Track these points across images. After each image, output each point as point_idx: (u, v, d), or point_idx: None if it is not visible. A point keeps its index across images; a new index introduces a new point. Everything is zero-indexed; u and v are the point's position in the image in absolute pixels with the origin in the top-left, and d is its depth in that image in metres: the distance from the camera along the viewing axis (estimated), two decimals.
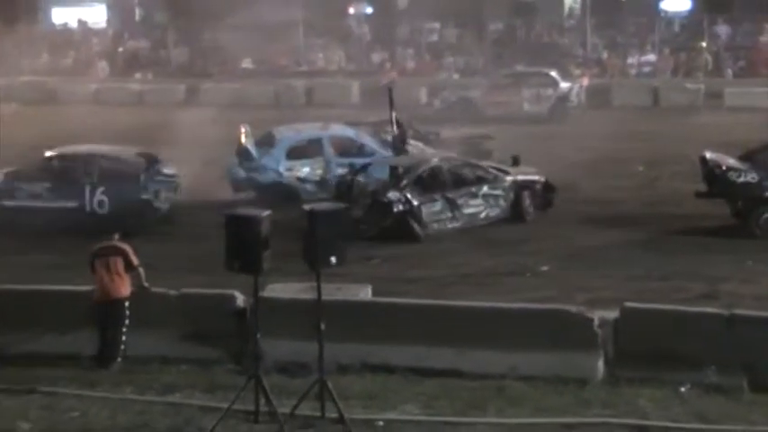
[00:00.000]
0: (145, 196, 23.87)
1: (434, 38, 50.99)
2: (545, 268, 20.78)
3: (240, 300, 16.07)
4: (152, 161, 25.12)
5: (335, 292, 16.17)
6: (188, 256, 21.41)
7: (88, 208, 23.78)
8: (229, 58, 49.95)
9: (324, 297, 14.00)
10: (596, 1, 48.96)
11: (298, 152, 26.69)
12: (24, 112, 43.95)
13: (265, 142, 27.10)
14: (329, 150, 26.58)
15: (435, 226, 23.53)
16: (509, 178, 24.81)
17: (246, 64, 50.06)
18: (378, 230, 22.95)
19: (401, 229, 23.02)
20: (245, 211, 14.93)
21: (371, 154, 26.43)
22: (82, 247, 16.99)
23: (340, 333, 14.45)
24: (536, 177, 25.24)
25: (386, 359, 15.35)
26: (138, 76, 50.63)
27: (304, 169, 26.34)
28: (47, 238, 22.52)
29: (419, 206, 23.35)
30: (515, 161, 25.98)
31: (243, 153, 26.44)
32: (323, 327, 13.72)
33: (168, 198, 24.66)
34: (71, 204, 23.83)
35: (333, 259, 13.80)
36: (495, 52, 48.57)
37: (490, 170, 25.03)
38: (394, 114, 25.99)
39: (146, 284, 16.16)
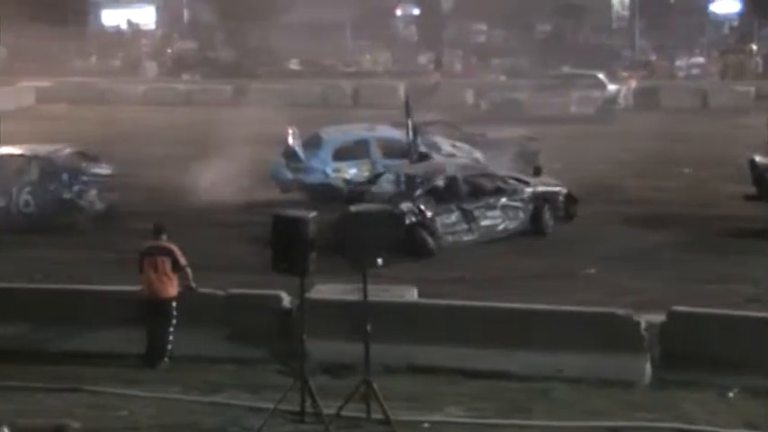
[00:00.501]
0: (67, 196, 24.39)
1: (481, 39, 50.87)
2: (591, 271, 20.68)
3: (286, 300, 16.12)
4: (87, 161, 25.62)
5: (382, 293, 16.17)
6: (233, 256, 21.49)
7: (14, 208, 24.35)
8: (277, 58, 50.11)
9: (370, 298, 14.01)
10: (645, 3, 48.72)
11: (344, 153, 26.74)
12: (74, 111, 44.37)
13: (313, 143, 27.16)
14: (376, 152, 26.59)
15: (450, 238, 22.64)
16: (529, 189, 23.87)
17: (293, 65, 50.21)
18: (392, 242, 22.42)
19: (412, 241, 21.92)
20: (291, 212, 14.95)
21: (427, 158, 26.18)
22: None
23: (386, 334, 14.47)
24: (557, 189, 24.45)
25: (431, 361, 15.35)
26: (185, 76, 50.92)
27: (351, 170, 26.36)
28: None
29: (433, 217, 22.38)
30: (537, 172, 25.37)
31: (290, 154, 26.53)
32: (369, 328, 13.74)
33: (103, 197, 25.01)
34: (0, 204, 24.42)
35: (379, 260, 13.81)
36: (543, 54, 48.39)
37: (509, 181, 24.09)
38: (410, 122, 25.29)
39: (193, 285, 16.23)
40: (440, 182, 23.27)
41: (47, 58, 52.59)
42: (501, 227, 23.28)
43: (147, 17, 55.79)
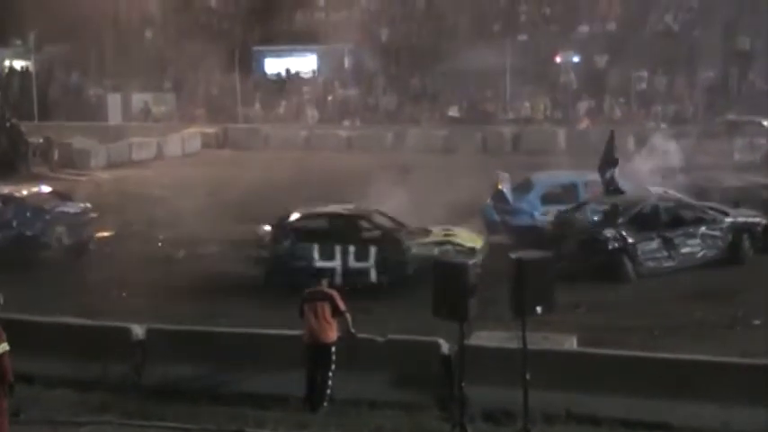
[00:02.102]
0: (29, 233, 26.05)
1: (643, 86, 50.30)
2: (757, 322, 20.18)
3: (445, 347, 16.12)
4: (60, 200, 27.52)
5: (541, 341, 16.07)
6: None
7: None
8: (437, 104, 50.37)
9: (529, 346, 13.93)
10: None
11: (553, 197, 26.77)
12: (238, 157, 45.31)
13: (522, 187, 27.41)
14: (584, 195, 26.55)
15: (650, 264, 23.54)
16: (728, 219, 24.60)
17: (453, 112, 50.39)
18: (588, 267, 22.84)
19: (613, 267, 23.08)
20: (452, 258, 15.00)
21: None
22: None
23: (545, 382, 14.35)
24: (757, 220, 25.01)
25: (592, 410, 15.17)
26: (346, 122, 51.53)
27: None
28: None
29: (634, 244, 23.42)
30: (736, 204, 25.85)
31: (498, 197, 26.77)
32: (528, 376, 13.65)
33: (73, 233, 26.63)
34: None
35: (539, 308, 13.75)
36: (707, 100, 47.61)
37: (708, 211, 24.79)
38: (609, 158, 25.91)
39: (352, 330, 16.35)
40: (642, 210, 24.15)
41: (213, 105, 53.89)
42: (700, 254, 24.10)
43: (308, 65, 56.69)
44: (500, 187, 26.83)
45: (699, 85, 49.04)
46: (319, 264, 22.29)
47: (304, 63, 56.49)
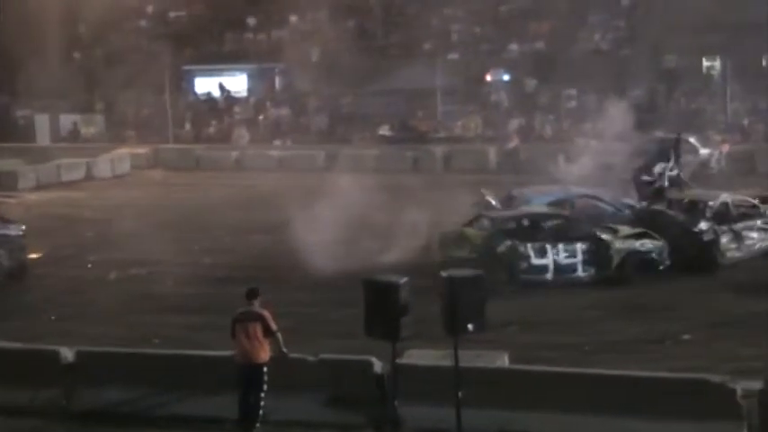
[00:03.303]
0: None
1: (573, 104, 50.71)
2: (687, 337, 20.37)
3: (378, 366, 16.08)
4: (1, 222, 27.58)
5: (474, 358, 16.07)
6: (329, 321, 21.56)
7: None
8: (368, 124, 50.40)
9: (462, 364, 13.93)
10: (737, 66, 48.23)
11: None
12: (168, 177, 45.06)
13: (511, 204, 27.58)
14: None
15: (728, 255, 25.47)
16: None
17: (384, 131, 50.43)
18: (681, 259, 24.58)
19: (705, 258, 25.03)
20: (383, 277, 14.95)
21: (612, 214, 27.08)
22: None
23: (478, 400, 14.35)
24: None
25: (525, 427, 15.19)
26: (277, 142, 51.38)
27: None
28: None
29: (719, 237, 25.38)
30: (765, 200, 27.22)
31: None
32: (460, 394, 13.65)
33: (14, 257, 26.55)
34: None
35: (470, 326, 13.76)
36: (635, 119, 48.05)
37: (758, 205, 26.62)
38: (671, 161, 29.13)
39: (284, 350, 16.25)
40: (717, 206, 26.17)
41: (142, 126, 53.56)
42: (757, 246, 26.01)
43: (239, 85, 56.50)
44: (493, 204, 27.21)
45: (627, 102, 49.49)
46: (535, 262, 24.15)
47: (235, 83, 56.31)
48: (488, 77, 52.62)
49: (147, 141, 51.34)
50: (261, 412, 15.97)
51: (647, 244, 24.99)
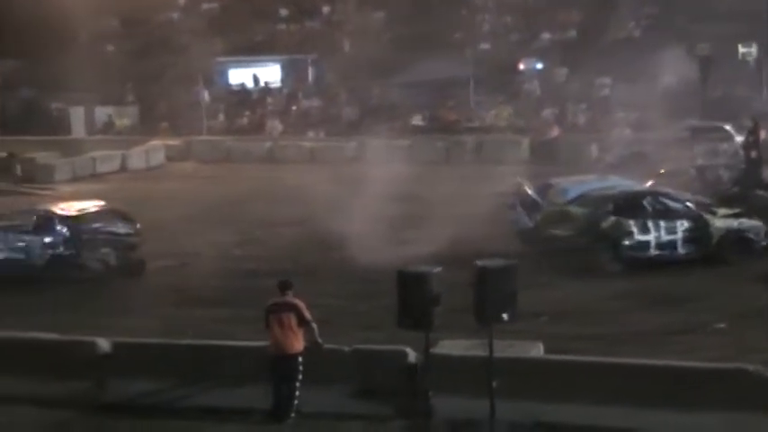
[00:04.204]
0: (63, 252, 25.10)
1: (606, 92, 50.50)
2: (719, 326, 20.27)
3: (411, 356, 16.09)
4: (116, 218, 26.50)
5: (507, 349, 16.06)
6: (360, 312, 21.60)
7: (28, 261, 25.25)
8: (399, 115, 50.37)
9: (495, 354, 13.93)
10: None
11: (586, 203, 26.78)
12: (201, 169, 45.22)
13: (543, 193, 27.46)
14: None
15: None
16: None
17: (416, 121, 50.39)
18: None
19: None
20: (414, 268, 14.96)
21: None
22: None
23: (512, 390, 14.35)
24: None
25: (559, 417, 15.17)
26: (309, 133, 51.44)
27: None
28: None
29: None
30: None
31: (530, 204, 26.85)
32: (494, 384, 13.65)
33: (121, 256, 25.62)
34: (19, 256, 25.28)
35: (505, 315, 13.75)
36: (669, 107, 47.80)
37: None
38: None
39: (319, 340, 16.29)
40: None
41: (175, 118, 53.76)
42: None
43: (272, 75, 56.57)
44: (531, 194, 27.03)
45: (661, 91, 49.26)
46: (639, 238, 24.56)
47: (267, 74, 56.36)
48: (521, 66, 52.44)
49: (181, 133, 51.57)
50: (295, 402, 16.02)
51: (744, 223, 25.31)
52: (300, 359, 16.05)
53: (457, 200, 29.29)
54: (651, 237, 24.77)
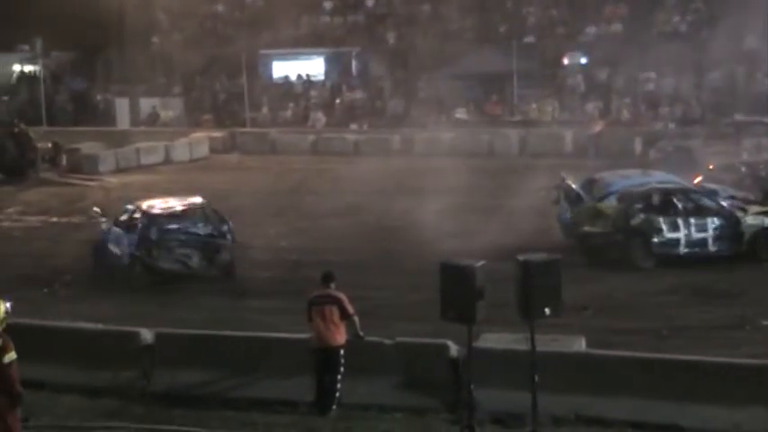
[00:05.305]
0: (135, 252, 24.36)
1: (650, 87, 50.22)
2: (765, 322, 20.15)
3: (453, 349, 16.11)
4: (200, 218, 25.53)
5: (550, 343, 16.04)
6: (403, 305, 21.63)
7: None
8: (444, 108, 50.35)
9: (538, 348, 13.93)
10: None
11: (618, 200, 26.73)
12: (245, 161, 45.42)
13: (590, 188, 27.45)
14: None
15: None
16: None
17: (460, 114, 50.34)
18: None
19: None
20: (459, 260, 14.95)
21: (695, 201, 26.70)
22: None
23: (554, 385, 14.34)
24: None
25: (601, 412, 15.15)
26: (353, 126, 51.52)
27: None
28: None
29: None
30: None
31: (574, 198, 26.86)
32: (536, 378, 13.65)
33: (183, 255, 24.64)
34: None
35: (547, 310, 13.75)
36: (714, 101, 47.49)
37: None
38: None
39: (361, 333, 16.34)
40: None
41: (220, 110, 54.01)
42: None
43: (316, 68, 56.68)
44: (574, 188, 27.02)
45: (706, 85, 48.95)
46: (669, 235, 24.61)
47: (311, 66, 56.47)
48: (565, 61, 52.24)
49: (225, 125, 51.80)
50: (337, 395, 16.08)
51: None
52: (342, 352, 16.10)
53: (502, 193, 29.30)
54: (681, 234, 24.72)
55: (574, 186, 27.00)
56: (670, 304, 21.71)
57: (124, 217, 25.66)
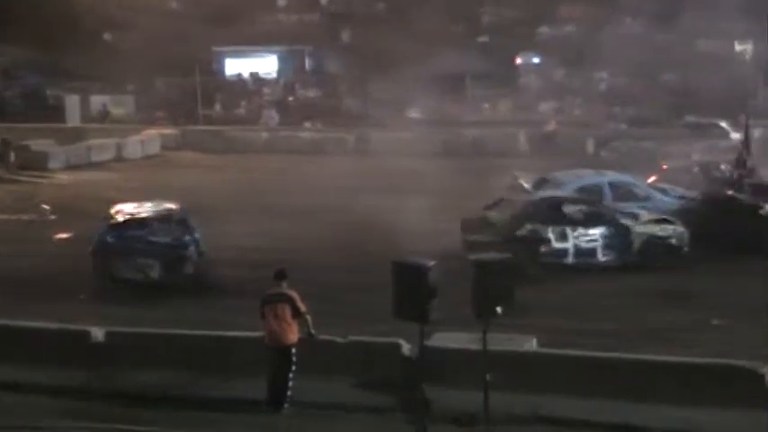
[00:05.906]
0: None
1: (602, 87, 50.52)
2: (716, 322, 20.26)
3: (406, 348, 16.07)
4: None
5: (505, 342, 16.05)
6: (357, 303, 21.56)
7: None
8: (398, 108, 50.34)
9: (491, 347, 13.90)
10: None
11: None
12: (198, 159, 45.12)
13: (539, 187, 27.52)
14: (609, 196, 26.78)
15: None
16: None
17: (415, 113, 50.34)
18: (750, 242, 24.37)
19: None
20: (412, 259, 14.90)
21: (650, 200, 26.94)
22: None
23: (508, 384, 14.33)
24: None
25: (556, 411, 15.16)
26: (307, 124, 51.37)
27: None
28: None
29: None
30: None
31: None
32: (488, 377, 13.63)
33: (144, 265, 23.66)
34: None
35: (499, 309, 13.73)
36: (668, 102, 47.81)
37: None
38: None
39: (313, 332, 16.26)
40: None
41: (172, 107, 53.68)
42: None
43: (269, 66, 56.50)
44: (527, 187, 27.07)
45: (660, 86, 49.29)
46: (556, 245, 24.25)
47: (265, 64, 56.31)
48: (518, 60, 52.44)
49: (177, 123, 51.49)
50: (289, 393, 16.00)
51: (667, 229, 24.94)
52: (294, 350, 16.02)
53: (457, 193, 29.24)
54: (570, 244, 24.41)
55: (526, 186, 27.07)
56: (620, 305, 21.73)
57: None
